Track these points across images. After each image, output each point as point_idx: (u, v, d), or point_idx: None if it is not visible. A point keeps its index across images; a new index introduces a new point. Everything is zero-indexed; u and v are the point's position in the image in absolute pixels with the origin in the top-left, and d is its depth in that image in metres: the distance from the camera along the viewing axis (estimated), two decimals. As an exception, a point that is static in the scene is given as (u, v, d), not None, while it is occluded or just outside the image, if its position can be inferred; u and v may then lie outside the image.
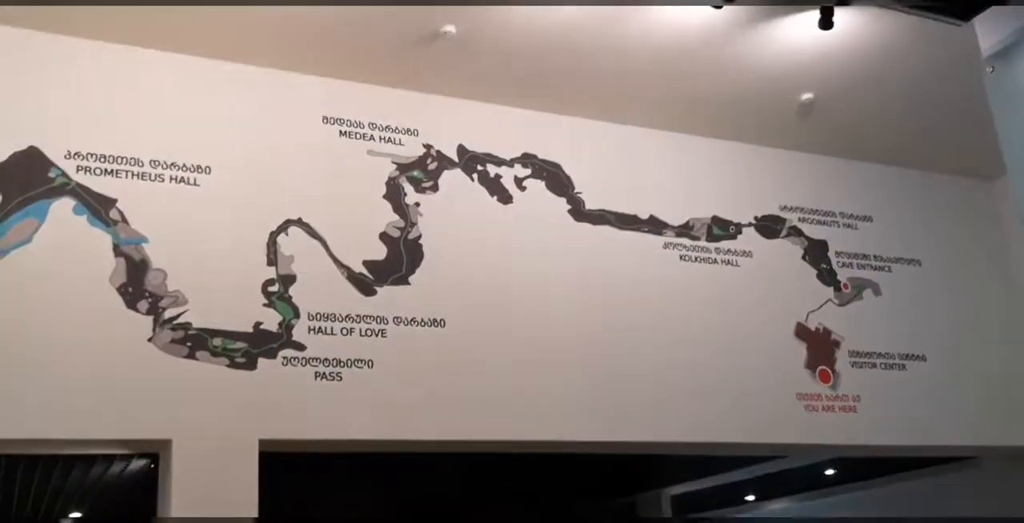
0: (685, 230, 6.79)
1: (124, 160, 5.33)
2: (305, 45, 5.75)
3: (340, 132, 5.95)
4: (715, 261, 6.80)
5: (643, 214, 6.68)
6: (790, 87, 6.63)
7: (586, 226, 6.45)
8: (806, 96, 6.74)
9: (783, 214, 7.19)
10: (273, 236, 5.53)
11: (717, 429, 6.30)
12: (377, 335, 5.59)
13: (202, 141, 5.55)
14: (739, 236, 6.96)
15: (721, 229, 6.92)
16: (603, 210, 6.54)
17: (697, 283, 6.67)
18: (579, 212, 6.46)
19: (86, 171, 5.22)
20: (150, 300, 5.14)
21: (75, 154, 5.23)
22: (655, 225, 6.69)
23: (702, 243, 6.81)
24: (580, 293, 6.22)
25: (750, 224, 7.04)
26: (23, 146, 5.13)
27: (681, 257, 6.70)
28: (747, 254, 6.92)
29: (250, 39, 5.64)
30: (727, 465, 12.15)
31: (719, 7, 5.54)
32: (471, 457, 6.38)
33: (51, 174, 5.15)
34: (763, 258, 6.98)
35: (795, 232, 7.19)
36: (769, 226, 7.11)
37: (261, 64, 5.82)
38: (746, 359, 6.56)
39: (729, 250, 6.88)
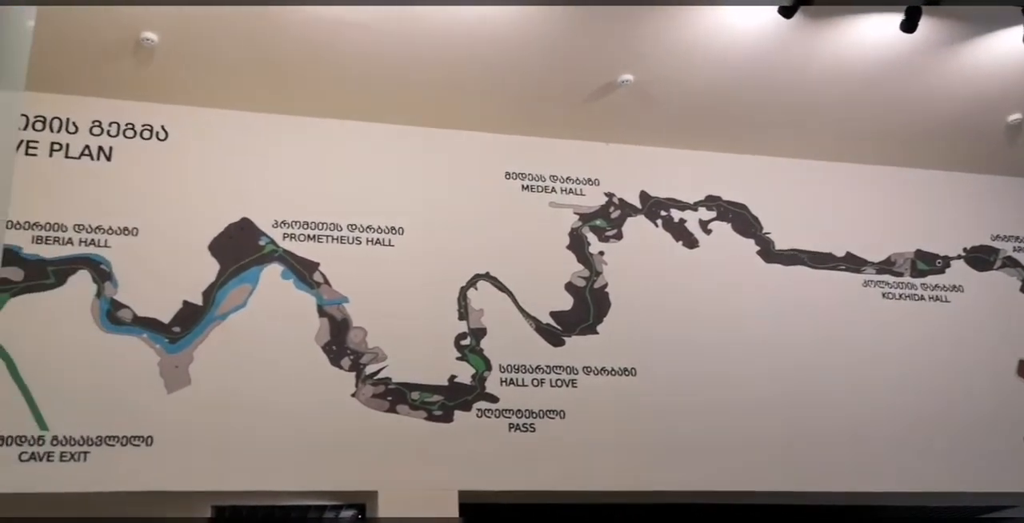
0: (887, 266, 6.46)
1: (325, 226, 5.69)
2: (484, 104, 5.96)
3: (522, 186, 6.11)
4: (922, 298, 6.43)
5: (839, 251, 6.42)
6: (994, 109, 6.24)
7: (777, 267, 6.28)
8: (1013, 117, 6.31)
9: (995, 244, 6.72)
10: (463, 291, 5.72)
11: (932, 478, 5.92)
12: (568, 385, 5.64)
13: (394, 203, 5.85)
14: (947, 270, 6.56)
15: (926, 263, 6.54)
16: (795, 250, 6.34)
17: (903, 322, 6.32)
18: (769, 253, 6.30)
19: (292, 238, 5.62)
20: (352, 357, 5.42)
21: (281, 222, 5.63)
22: (853, 262, 6.42)
23: (906, 279, 6.46)
24: (774, 337, 6.04)
25: (959, 256, 6.62)
26: (236, 218, 5.58)
27: (884, 295, 6.39)
28: (957, 289, 6.51)
29: (434, 104, 5.92)
30: (944, 519, 11.23)
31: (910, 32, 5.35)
32: (669, 509, 6.25)
33: (261, 242, 5.57)
34: (976, 292, 6.54)
35: (1011, 262, 6.69)
36: (981, 258, 6.65)
37: (445, 126, 6.07)
38: (962, 402, 6.14)
39: (937, 285, 6.49)
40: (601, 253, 6.03)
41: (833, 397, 5.97)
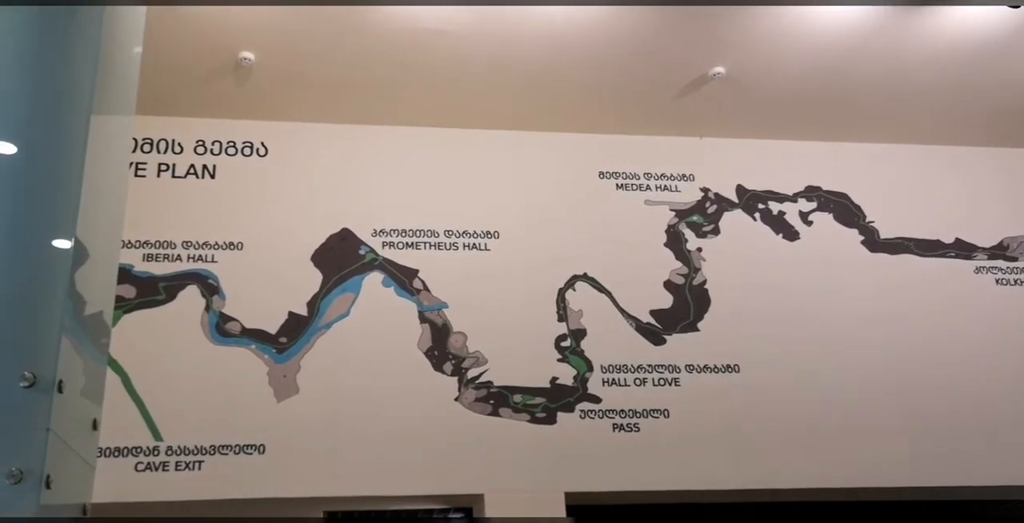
0: (999, 251, 6.21)
1: (422, 233, 5.76)
2: (575, 104, 5.95)
3: (617, 185, 6.07)
4: (1038, 283, 6.15)
5: (947, 238, 6.20)
6: (1109, 83, 5.92)
7: (883, 257, 6.09)
8: None
9: (1117, 223, 6.38)
10: (561, 292, 5.72)
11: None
12: (670, 384, 5.58)
13: (489, 208, 5.88)
14: (1066, 253, 6.26)
15: (1042, 247, 6.26)
16: (901, 238, 6.15)
17: (1019, 309, 6.06)
18: (874, 242, 6.12)
19: (391, 246, 5.70)
20: (454, 362, 5.48)
21: (380, 231, 5.73)
22: (963, 249, 6.19)
23: (1020, 264, 6.19)
24: (882, 329, 5.86)
25: (1078, 238, 6.31)
26: (337, 228, 5.69)
27: (998, 281, 6.14)
28: (1078, 272, 6.20)
29: (524, 106, 5.93)
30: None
31: (1016, 7, 5.11)
32: (783, 508, 6.12)
33: (361, 251, 5.68)
34: (1098, 275, 6.21)
35: None
36: (1101, 238, 6.33)
37: (537, 129, 6.08)
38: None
39: (1054, 269, 6.20)
40: (699, 249, 5.96)
41: (949, 388, 5.77)
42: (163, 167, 5.72)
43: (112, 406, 4.91)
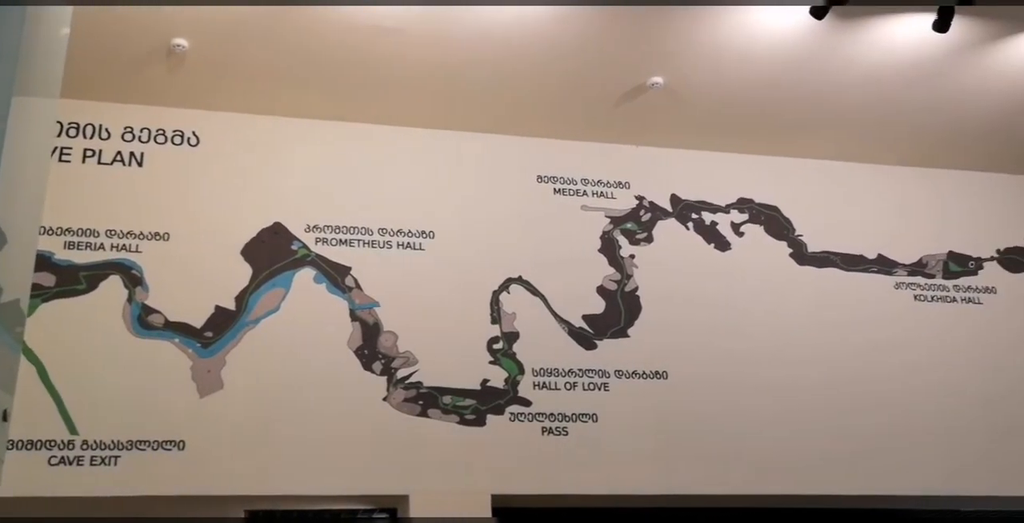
0: (919, 268, 6.41)
1: (356, 230, 5.69)
2: (516, 108, 5.95)
3: (554, 190, 6.09)
4: (954, 300, 6.37)
5: (871, 253, 6.38)
6: (1027, 109, 6.17)
7: (810, 269, 6.24)
8: (1047, 116, 6.25)
9: (1029, 245, 6.65)
10: (495, 295, 5.70)
11: (966, 481, 5.86)
12: (600, 389, 5.61)
13: (425, 208, 5.84)
14: (980, 272, 6.50)
15: (959, 265, 6.49)
16: (827, 252, 6.30)
17: (935, 324, 6.27)
18: (802, 255, 6.26)
19: (324, 243, 5.61)
20: (383, 361, 5.41)
21: (313, 227, 5.63)
22: (885, 264, 6.37)
23: (938, 281, 6.41)
24: (807, 340, 6.00)
25: (992, 258, 6.56)
26: (269, 223, 5.58)
27: (916, 297, 6.33)
28: (990, 290, 6.45)
29: (465, 107, 5.91)
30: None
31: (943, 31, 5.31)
32: (702, 513, 6.19)
33: (293, 247, 5.57)
34: (1009, 294, 6.47)
35: (1045, 264, 6.62)
36: (1014, 259, 6.59)
37: (476, 130, 6.06)
38: (996, 404, 6.08)
39: (970, 287, 6.43)
40: (632, 256, 6.01)
41: (867, 400, 5.94)
42: (89, 153, 5.53)
43: (26, 397, 4.76)
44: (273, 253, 5.51)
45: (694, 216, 6.23)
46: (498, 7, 5.25)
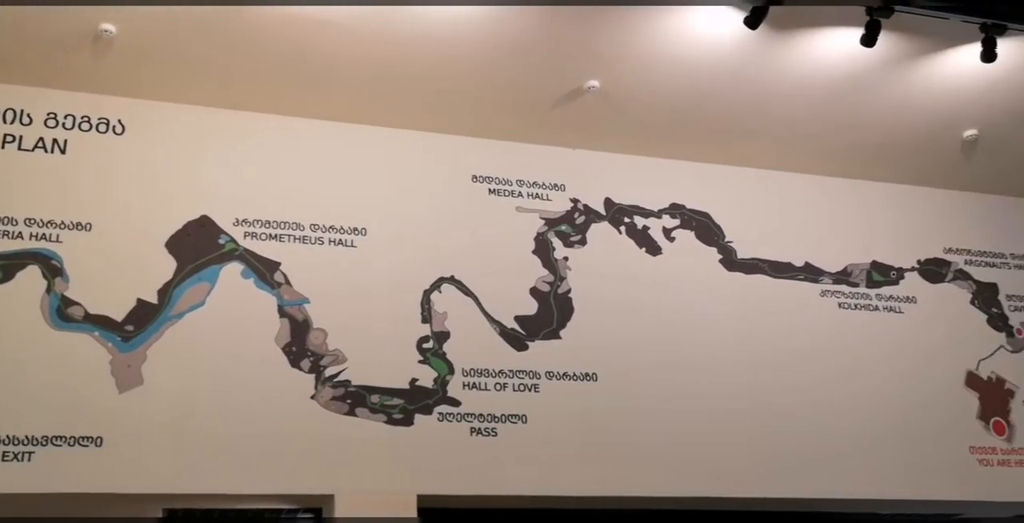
0: (843, 276, 6.56)
1: (287, 225, 5.59)
2: (452, 107, 5.92)
3: (489, 190, 6.07)
4: (876, 308, 6.53)
5: (798, 261, 6.50)
6: (951, 125, 6.37)
7: (739, 275, 6.33)
8: (969, 133, 6.46)
9: (948, 257, 6.86)
10: (427, 294, 5.66)
11: (885, 485, 6.01)
12: (530, 390, 5.61)
13: (358, 204, 5.76)
14: (901, 281, 6.68)
15: (881, 275, 6.65)
16: (756, 258, 6.40)
17: (858, 331, 6.42)
18: (731, 261, 6.35)
19: (253, 237, 5.50)
20: (312, 359, 5.32)
21: (242, 221, 5.52)
22: (811, 272, 6.50)
23: (862, 290, 6.56)
24: (734, 344, 6.09)
25: (913, 268, 6.75)
26: (196, 215, 5.45)
27: (840, 305, 6.48)
28: (910, 300, 6.62)
29: (400, 105, 5.86)
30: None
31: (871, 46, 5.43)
32: (632, 515, 6.24)
33: (221, 240, 5.45)
34: (928, 304, 6.66)
35: (962, 275, 6.83)
36: (933, 270, 6.78)
37: (412, 127, 6.01)
38: (914, 411, 6.26)
39: (891, 296, 6.60)
40: (566, 258, 6.02)
41: (789, 404, 6.05)
42: (9, 138, 5.34)
43: (-66, 390, 4.57)
44: (199, 246, 5.38)
45: (627, 220, 6.27)
46: (437, 7, 5.22)
